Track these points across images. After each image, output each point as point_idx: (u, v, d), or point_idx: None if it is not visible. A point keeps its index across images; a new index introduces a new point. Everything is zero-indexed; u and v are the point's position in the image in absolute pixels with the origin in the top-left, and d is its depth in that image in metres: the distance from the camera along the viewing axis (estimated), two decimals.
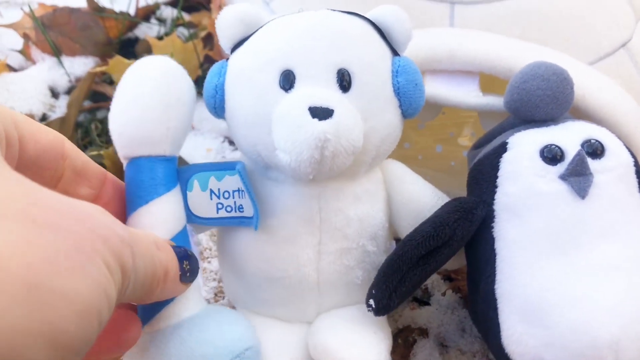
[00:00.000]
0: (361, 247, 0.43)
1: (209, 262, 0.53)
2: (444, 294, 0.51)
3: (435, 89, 0.47)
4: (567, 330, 0.37)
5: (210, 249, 0.54)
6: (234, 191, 0.41)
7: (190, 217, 0.41)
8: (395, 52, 0.42)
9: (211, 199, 0.41)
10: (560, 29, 0.49)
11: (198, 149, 0.64)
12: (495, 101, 0.47)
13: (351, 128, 0.38)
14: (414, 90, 0.41)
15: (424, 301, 0.52)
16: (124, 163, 0.39)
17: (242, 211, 0.41)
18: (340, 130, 0.37)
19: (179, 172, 0.40)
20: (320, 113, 0.36)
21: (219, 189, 0.41)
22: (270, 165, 0.41)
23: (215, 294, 0.51)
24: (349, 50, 0.40)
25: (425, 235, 0.40)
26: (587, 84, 0.48)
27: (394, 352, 0.46)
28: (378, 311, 0.40)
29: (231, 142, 0.66)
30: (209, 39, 0.74)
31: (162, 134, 0.38)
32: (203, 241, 0.55)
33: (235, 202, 0.41)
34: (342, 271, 0.43)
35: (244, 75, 0.41)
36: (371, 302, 0.40)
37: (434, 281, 0.53)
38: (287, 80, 0.39)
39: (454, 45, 0.47)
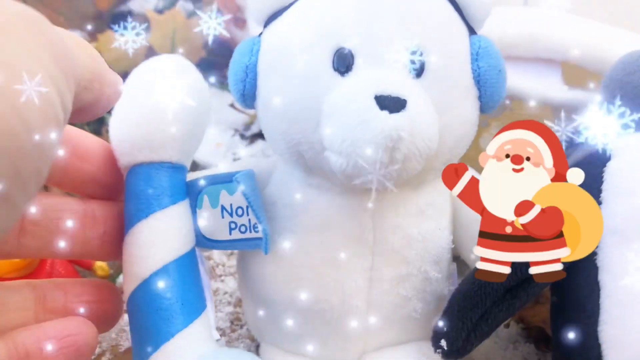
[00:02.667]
0: (423, 274, 0.35)
1: (222, 281, 0.44)
2: (507, 326, 0.43)
3: (511, 79, 0.39)
4: None
5: (223, 265, 0.45)
6: (247, 207, 0.33)
7: (201, 240, 0.34)
8: (471, 30, 0.34)
9: (223, 217, 0.34)
10: None
11: (205, 144, 0.55)
12: (584, 96, 0.38)
13: (428, 124, 0.30)
14: (497, 78, 0.34)
15: None
16: (124, 173, 0.33)
17: (258, 231, 0.34)
18: (416, 126, 0.29)
19: (187, 186, 0.34)
20: (391, 104, 0.29)
21: (231, 205, 0.34)
22: (314, 170, 0.33)
23: (232, 322, 0.42)
24: (422, 25, 0.32)
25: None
26: None
27: None
28: (450, 354, 0.32)
29: (243, 136, 0.57)
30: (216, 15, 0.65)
31: (167, 136, 0.32)
32: (215, 256, 0.46)
33: (249, 220, 0.34)
34: (398, 303, 0.35)
35: (285, 54, 0.33)
36: (442, 342, 0.32)
37: None
38: (344, 61, 0.31)
39: (534, 29, 0.40)
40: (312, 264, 0.34)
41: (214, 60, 0.40)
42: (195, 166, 0.53)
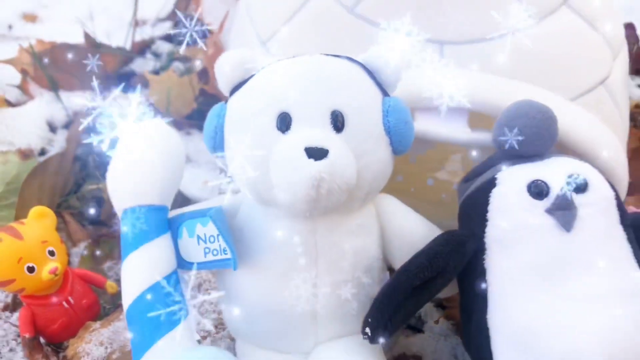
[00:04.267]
0: (356, 279, 0.44)
1: (209, 293, 0.54)
2: (437, 322, 0.52)
3: (426, 125, 0.49)
4: (557, 359, 0.39)
5: (209, 281, 0.56)
6: (218, 235, 0.43)
7: (182, 263, 0.44)
8: (385, 93, 0.44)
9: (199, 244, 0.44)
10: (544, 68, 0.51)
11: (195, 182, 0.65)
12: (483, 137, 0.48)
13: (345, 167, 0.39)
14: (404, 129, 0.43)
15: (417, 329, 0.53)
16: (119, 214, 0.43)
17: (227, 253, 0.43)
18: (335, 169, 0.39)
19: (169, 222, 0.44)
20: (316, 153, 0.38)
21: (205, 234, 0.43)
22: (269, 202, 0.43)
23: (216, 326, 0.52)
24: (342, 93, 0.42)
25: (419, 266, 0.42)
26: (571, 120, 0.49)
27: None
28: (373, 339, 0.42)
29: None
30: (204, 73, 0.76)
31: (151, 186, 0.42)
32: (202, 274, 0.56)
33: (220, 245, 0.43)
34: (338, 303, 0.44)
35: (243, 117, 0.42)
36: (367, 330, 0.42)
37: (427, 309, 0.55)
38: (284, 123, 0.41)
39: (445, 83, 0.49)
40: (271, 275, 0.43)
41: (204, 110, 0.50)
42: (187, 201, 0.63)
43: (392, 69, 0.44)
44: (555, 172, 0.43)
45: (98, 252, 0.61)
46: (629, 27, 0.83)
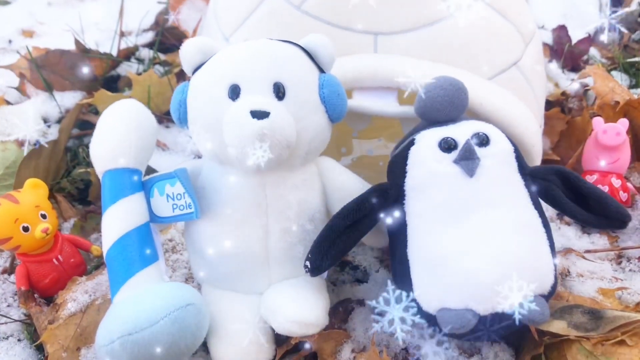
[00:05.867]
0: (301, 227, 0.53)
1: (181, 254, 0.63)
2: (377, 271, 0.60)
3: (362, 102, 0.58)
4: (460, 278, 0.47)
5: (182, 244, 0.64)
6: (184, 193, 0.51)
7: (153, 217, 0.52)
8: (322, 70, 0.53)
9: (167, 201, 0.52)
10: (463, 52, 0.60)
11: (172, 166, 0.74)
12: (409, 109, 0.57)
13: (284, 126, 0.48)
14: (336, 99, 0.52)
15: (364, 281, 0.61)
16: (100, 176, 0.52)
17: (191, 208, 0.51)
18: (275, 127, 0.47)
19: (143, 184, 0.52)
20: (259, 114, 0.47)
21: (173, 193, 0.52)
22: (224, 161, 0.51)
23: (186, 279, 0.60)
24: (283, 68, 0.50)
25: (349, 209, 0.50)
26: (485, 94, 0.58)
27: (335, 317, 0.55)
28: (313, 271, 0.50)
29: (200, 158, 0.76)
30: (182, 74, 0.85)
31: (125, 151, 0.51)
32: (176, 237, 0.64)
33: (186, 201, 0.52)
34: (286, 247, 0.52)
35: (202, 90, 0.51)
36: (307, 263, 0.50)
37: (371, 264, 0.63)
38: (235, 93, 0.49)
39: (377, 67, 0.58)
40: (227, 223, 0.51)
41: None
42: None
43: (326, 50, 0.53)
44: (462, 131, 0.52)
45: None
46: (562, 29, 0.93)
